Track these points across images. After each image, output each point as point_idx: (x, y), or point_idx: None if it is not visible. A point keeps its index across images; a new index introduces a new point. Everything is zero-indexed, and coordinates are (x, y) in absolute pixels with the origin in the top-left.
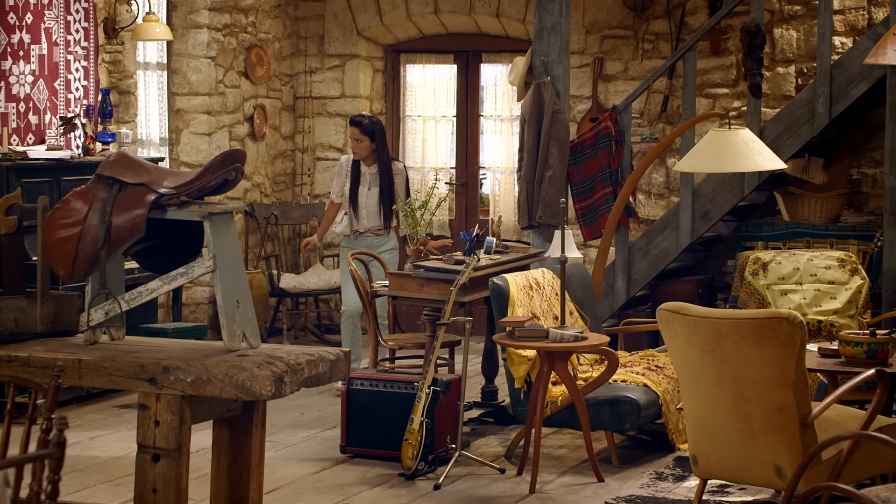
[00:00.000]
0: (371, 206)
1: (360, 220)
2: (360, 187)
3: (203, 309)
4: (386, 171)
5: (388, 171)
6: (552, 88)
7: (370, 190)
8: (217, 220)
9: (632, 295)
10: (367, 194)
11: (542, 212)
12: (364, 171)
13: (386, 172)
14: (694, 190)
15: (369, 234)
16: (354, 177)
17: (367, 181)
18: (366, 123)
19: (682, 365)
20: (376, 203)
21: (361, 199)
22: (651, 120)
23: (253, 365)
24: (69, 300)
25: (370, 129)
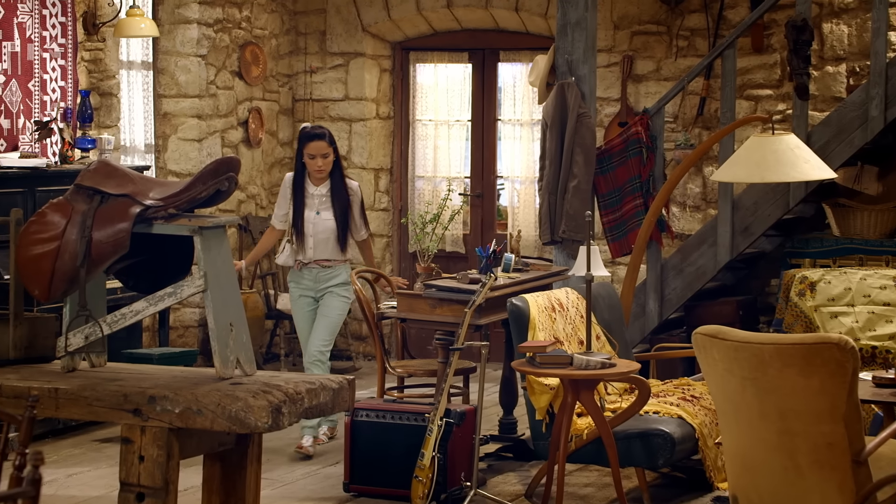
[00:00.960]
0: (322, 234)
1: (305, 249)
2: (307, 211)
3: (193, 332)
4: (341, 192)
5: (344, 191)
6: (577, 90)
7: (319, 214)
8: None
9: (665, 317)
10: (317, 220)
11: (565, 226)
12: (312, 191)
13: (341, 193)
14: (734, 202)
15: (315, 267)
16: (299, 199)
17: (316, 204)
18: (329, 135)
19: (720, 395)
20: (330, 230)
21: (308, 226)
22: (686, 124)
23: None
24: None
25: (333, 141)
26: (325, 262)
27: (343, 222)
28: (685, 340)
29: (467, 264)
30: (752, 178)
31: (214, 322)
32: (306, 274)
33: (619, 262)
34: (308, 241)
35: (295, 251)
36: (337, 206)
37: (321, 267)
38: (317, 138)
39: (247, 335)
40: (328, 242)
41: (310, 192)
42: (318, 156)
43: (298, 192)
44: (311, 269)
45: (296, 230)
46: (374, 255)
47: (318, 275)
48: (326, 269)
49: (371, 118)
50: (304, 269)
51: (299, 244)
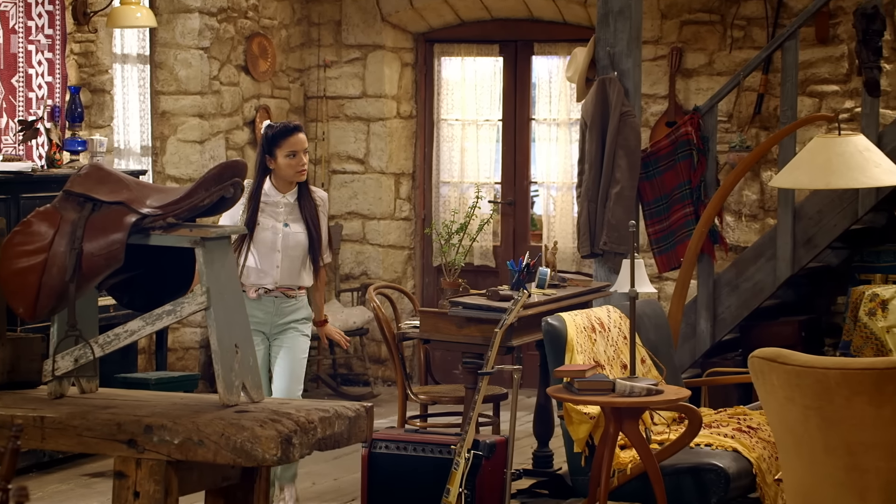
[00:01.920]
0: (292, 251)
1: (267, 272)
2: (273, 222)
3: (193, 355)
4: (309, 201)
5: (312, 200)
6: (619, 86)
7: (288, 227)
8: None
9: (718, 339)
10: (286, 234)
11: (606, 237)
12: (277, 199)
13: (310, 202)
14: (795, 210)
15: (278, 295)
16: (255, 207)
17: (284, 214)
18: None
19: (781, 426)
20: (302, 247)
21: (271, 241)
22: (742, 124)
23: (255, 423)
24: (30, 344)
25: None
26: (290, 290)
27: (317, 236)
28: (740, 365)
29: (498, 279)
30: (817, 184)
31: (218, 343)
32: (262, 305)
33: (667, 278)
34: (275, 258)
35: (253, 274)
36: (308, 216)
37: (285, 296)
38: (297, 131)
39: (254, 358)
40: (296, 263)
41: (273, 199)
42: (300, 152)
43: (256, 199)
44: (271, 298)
45: (260, 246)
46: (396, 268)
47: (279, 306)
48: (290, 299)
49: (391, 117)
50: (263, 299)
51: (265, 264)
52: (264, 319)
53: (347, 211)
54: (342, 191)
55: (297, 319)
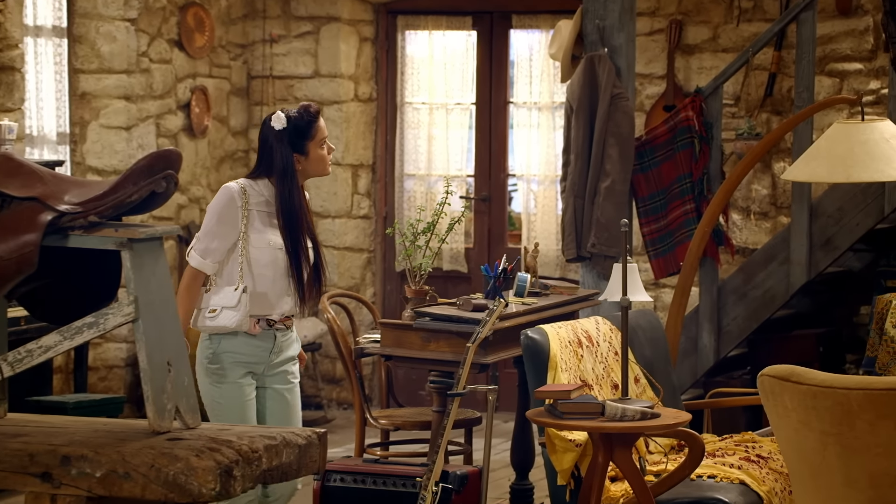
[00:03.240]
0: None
1: (278, 301)
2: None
3: (118, 374)
4: (308, 206)
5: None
6: (610, 64)
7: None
8: (141, 249)
9: (723, 355)
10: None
11: (595, 238)
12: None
13: (308, 208)
14: (812, 207)
15: (280, 327)
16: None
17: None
18: None
19: (795, 454)
20: (310, 267)
21: (285, 262)
22: (751, 108)
23: (190, 452)
24: None
25: None
26: (289, 320)
27: (319, 253)
28: (749, 384)
29: (470, 287)
30: (836, 178)
31: (148, 361)
32: (261, 341)
33: (665, 284)
34: (288, 283)
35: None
36: (311, 226)
37: (285, 327)
38: (320, 114)
39: (189, 378)
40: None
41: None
42: (328, 143)
43: (267, 209)
44: (271, 332)
45: (269, 269)
46: (353, 274)
47: (279, 341)
48: (288, 330)
49: (348, 100)
50: (264, 336)
51: (276, 290)
52: (260, 358)
53: None
54: None
55: (291, 357)
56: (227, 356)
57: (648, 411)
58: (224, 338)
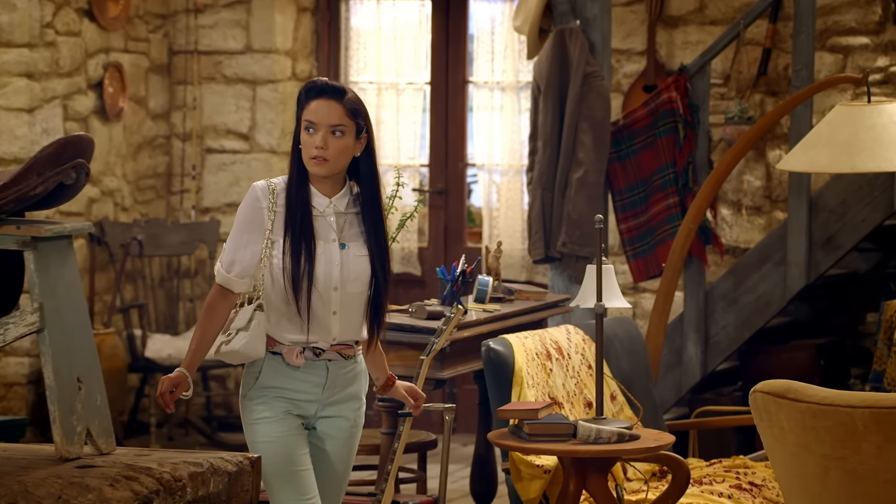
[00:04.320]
0: (352, 288)
1: (324, 322)
2: (321, 243)
3: (20, 393)
4: (374, 207)
5: (379, 205)
6: (583, 39)
7: (346, 248)
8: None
9: (711, 368)
10: (345, 260)
11: (566, 235)
12: (323, 207)
13: (374, 208)
14: (811, 201)
15: (334, 357)
16: (298, 224)
17: (334, 230)
18: (349, 94)
19: (792, 481)
20: (364, 281)
21: (324, 274)
22: (742, 88)
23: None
24: None
25: (359, 111)
26: (348, 348)
27: (379, 269)
28: (740, 402)
29: (424, 292)
30: (839, 167)
31: (54, 377)
32: (309, 374)
33: (645, 289)
34: (332, 300)
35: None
36: (373, 232)
37: (342, 357)
38: (327, 94)
39: (102, 396)
40: (358, 305)
41: (319, 209)
42: (322, 127)
43: (299, 208)
44: (323, 363)
45: (293, 288)
46: None
47: (335, 374)
48: (348, 360)
49: (284, 79)
50: (310, 367)
51: (317, 310)
52: (312, 396)
53: (227, 202)
54: (219, 176)
55: (354, 395)
56: (271, 392)
57: (626, 433)
58: (264, 368)
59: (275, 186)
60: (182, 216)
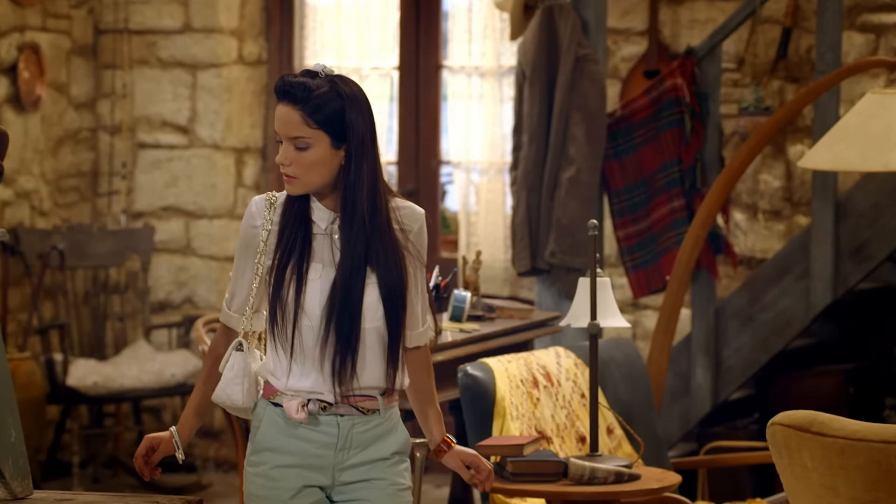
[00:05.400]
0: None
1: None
2: (316, 265)
3: None
4: (386, 225)
5: (389, 221)
6: (574, 16)
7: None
8: None
9: (723, 397)
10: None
11: (556, 244)
12: (325, 224)
13: (386, 227)
14: (838, 204)
15: (345, 412)
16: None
17: (337, 251)
18: (319, 96)
19: None
20: (377, 314)
21: (318, 304)
22: (759, 74)
23: None
24: None
25: (330, 114)
26: (368, 400)
27: (398, 289)
28: (756, 436)
29: None
30: (870, 165)
31: None
32: (316, 433)
33: (646, 305)
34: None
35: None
36: (384, 253)
37: (359, 412)
38: (285, 97)
39: (17, 431)
40: (374, 343)
41: (318, 220)
42: (284, 139)
43: (293, 219)
44: (332, 418)
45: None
46: None
47: (350, 433)
48: (370, 415)
49: (229, 63)
50: (317, 420)
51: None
52: (322, 461)
53: (163, 205)
54: (154, 175)
55: (384, 457)
56: (271, 457)
57: (625, 472)
58: (263, 423)
59: (275, 200)
60: (110, 222)
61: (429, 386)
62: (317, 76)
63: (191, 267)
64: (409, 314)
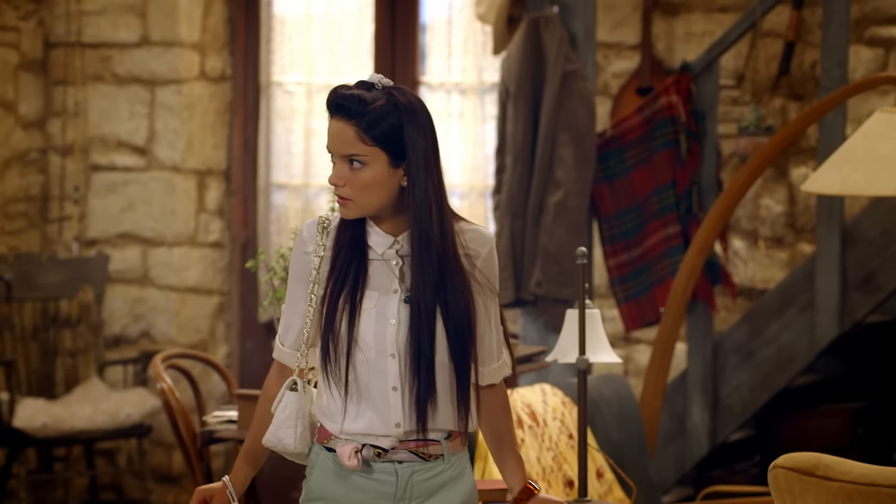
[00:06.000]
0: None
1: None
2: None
3: None
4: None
5: (454, 249)
6: (561, 29)
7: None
8: None
9: (722, 439)
10: (400, 315)
11: (542, 273)
12: (383, 249)
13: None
14: (845, 231)
15: (403, 458)
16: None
17: (396, 278)
18: (375, 110)
19: None
20: (440, 347)
21: (376, 335)
22: (759, 91)
23: None
24: None
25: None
26: (430, 444)
27: (466, 321)
28: (757, 480)
29: None
30: (880, 189)
31: None
32: (366, 480)
33: (639, 339)
34: (389, 373)
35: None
36: (452, 281)
37: (420, 458)
38: (337, 111)
39: None
40: (442, 385)
41: (375, 245)
42: (337, 157)
43: (346, 243)
44: (389, 465)
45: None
46: (199, 326)
47: (410, 482)
48: (432, 462)
49: (190, 79)
50: (372, 467)
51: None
52: None
53: (118, 232)
54: (109, 200)
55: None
56: None
57: None
58: (315, 469)
59: (328, 224)
60: (61, 250)
61: (508, 428)
62: (373, 88)
63: (148, 298)
64: (482, 349)
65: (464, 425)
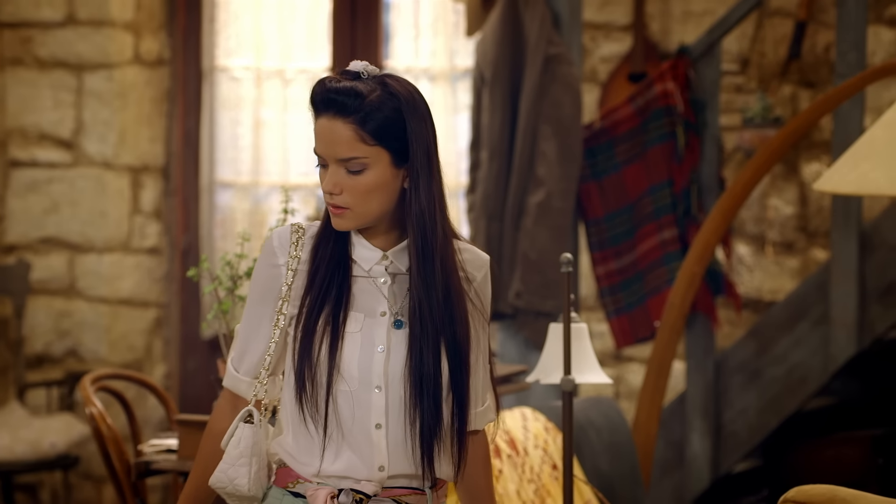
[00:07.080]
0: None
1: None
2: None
3: None
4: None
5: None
6: (543, 9)
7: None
8: None
9: (725, 469)
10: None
11: (521, 283)
12: (370, 265)
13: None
14: (863, 235)
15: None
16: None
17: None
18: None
19: None
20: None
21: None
22: (766, 78)
23: None
24: None
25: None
26: (413, 494)
27: (462, 353)
28: None
29: None
30: None
31: None
32: None
33: (632, 357)
34: (373, 410)
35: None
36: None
37: None
38: (329, 108)
39: None
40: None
41: (360, 260)
42: (331, 161)
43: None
44: None
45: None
46: (133, 343)
47: None
48: None
49: (123, 64)
50: None
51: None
52: None
53: (41, 237)
54: (30, 200)
55: None
56: None
57: None
58: None
59: (302, 234)
60: None
61: (487, 483)
62: (359, 77)
63: (75, 312)
64: (472, 375)
65: (454, 474)
